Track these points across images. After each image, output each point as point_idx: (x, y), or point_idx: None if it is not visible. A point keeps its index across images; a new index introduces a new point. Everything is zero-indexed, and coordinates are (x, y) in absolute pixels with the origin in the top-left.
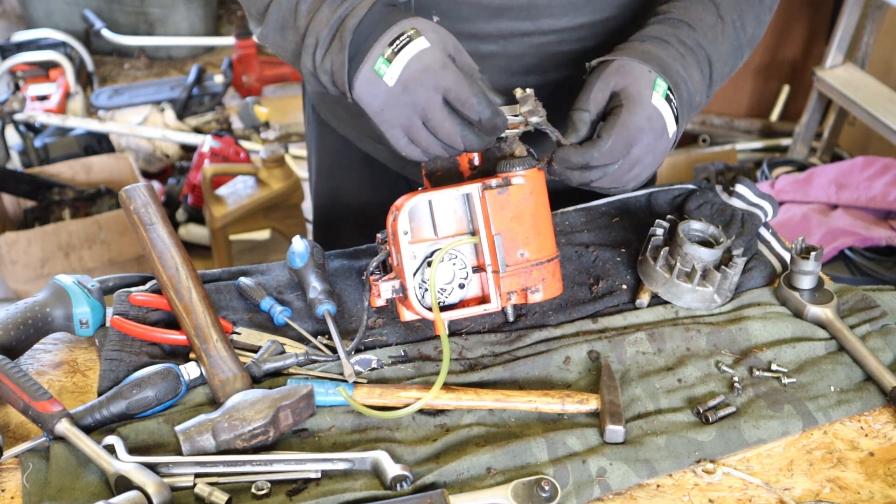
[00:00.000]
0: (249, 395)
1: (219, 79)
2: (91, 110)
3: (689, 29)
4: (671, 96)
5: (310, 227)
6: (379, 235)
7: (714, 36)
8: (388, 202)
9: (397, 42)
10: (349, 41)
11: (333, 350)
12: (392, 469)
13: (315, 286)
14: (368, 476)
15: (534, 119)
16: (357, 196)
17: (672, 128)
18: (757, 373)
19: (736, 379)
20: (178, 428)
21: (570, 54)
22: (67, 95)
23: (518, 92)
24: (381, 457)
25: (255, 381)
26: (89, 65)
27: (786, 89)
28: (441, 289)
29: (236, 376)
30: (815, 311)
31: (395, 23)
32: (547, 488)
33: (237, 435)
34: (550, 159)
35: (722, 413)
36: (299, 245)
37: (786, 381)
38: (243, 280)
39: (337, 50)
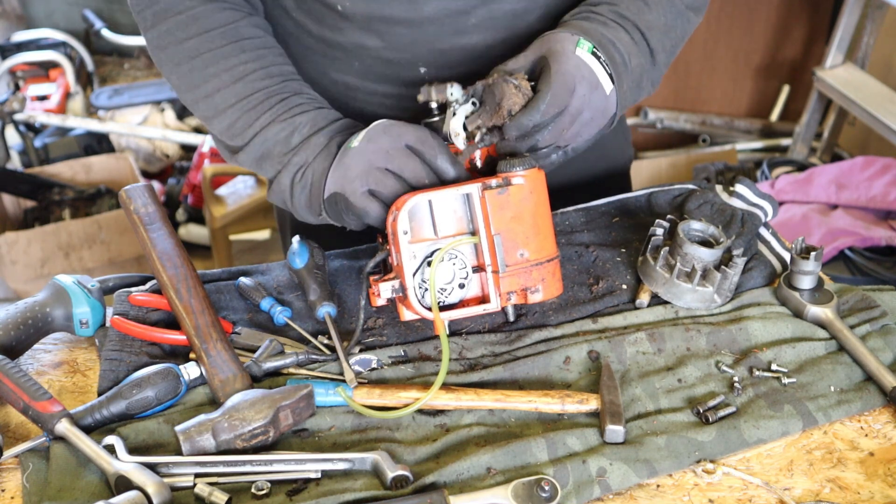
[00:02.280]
0: (249, 395)
1: None
2: (91, 110)
3: (607, 5)
4: (598, 52)
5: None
6: (379, 235)
7: (638, 8)
8: None
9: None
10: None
11: (333, 350)
12: (392, 469)
13: (315, 288)
14: (368, 476)
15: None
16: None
17: (607, 83)
18: (757, 373)
19: (736, 379)
20: (177, 428)
21: None
22: (67, 95)
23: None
24: (381, 457)
25: (255, 380)
26: (89, 65)
27: (786, 89)
28: (441, 289)
29: (236, 376)
30: (815, 311)
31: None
32: (547, 488)
33: (237, 435)
34: (497, 130)
35: (722, 413)
36: (299, 246)
37: (786, 381)
38: (243, 280)
39: (322, 158)
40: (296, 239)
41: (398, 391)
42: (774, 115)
